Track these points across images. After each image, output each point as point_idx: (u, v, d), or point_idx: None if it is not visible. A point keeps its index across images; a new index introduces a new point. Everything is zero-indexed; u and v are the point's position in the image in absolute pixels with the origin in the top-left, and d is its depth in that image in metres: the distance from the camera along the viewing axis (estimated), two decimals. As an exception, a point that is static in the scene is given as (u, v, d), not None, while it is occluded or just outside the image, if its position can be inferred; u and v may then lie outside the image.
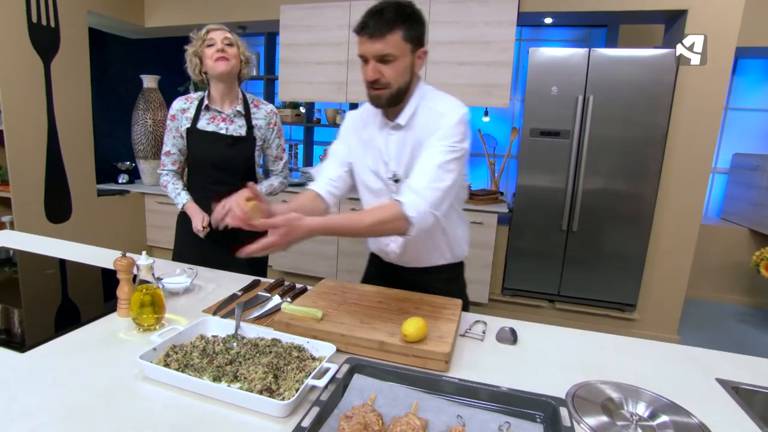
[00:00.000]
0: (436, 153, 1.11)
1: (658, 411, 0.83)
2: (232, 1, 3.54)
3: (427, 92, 1.21)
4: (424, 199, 1.05)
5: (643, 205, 2.77)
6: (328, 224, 1.04)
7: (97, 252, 1.69)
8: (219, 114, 1.66)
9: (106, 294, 1.35)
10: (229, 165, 1.66)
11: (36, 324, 1.16)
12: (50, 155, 3.06)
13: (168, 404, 0.80)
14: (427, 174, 1.08)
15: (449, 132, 1.12)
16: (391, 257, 1.37)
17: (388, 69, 1.10)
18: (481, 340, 1.11)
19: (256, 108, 1.70)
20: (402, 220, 1.04)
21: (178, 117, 1.69)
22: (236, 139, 1.64)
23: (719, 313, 3.53)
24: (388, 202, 1.09)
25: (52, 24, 2.98)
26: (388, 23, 1.06)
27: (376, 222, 1.04)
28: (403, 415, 0.76)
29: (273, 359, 0.88)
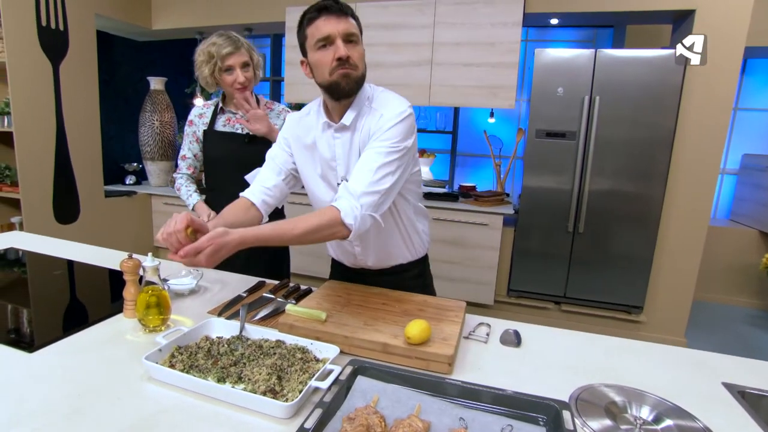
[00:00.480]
0: (374, 154, 1.08)
1: (662, 415, 0.82)
2: (238, 3, 3.56)
3: (372, 92, 1.18)
4: (361, 204, 1.03)
5: (650, 206, 2.74)
6: (259, 235, 0.99)
7: (105, 253, 1.71)
8: (234, 115, 1.68)
9: (113, 295, 1.36)
10: (247, 163, 1.65)
11: (44, 324, 1.18)
12: (59, 157, 3.09)
13: (172, 405, 0.81)
14: (366, 177, 1.05)
15: (389, 133, 1.09)
16: (359, 261, 1.35)
17: (354, 51, 1.08)
18: (485, 342, 1.10)
19: (269, 110, 1.72)
20: (339, 225, 1.02)
21: (196, 122, 1.72)
22: (252, 137, 1.65)
23: (727, 316, 3.49)
24: (324, 208, 1.06)
25: (61, 27, 3.01)
26: (346, 7, 1.08)
27: (311, 229, 1.01)
28: (406, 417, 0.76)
29: (277, 360, 0.88)
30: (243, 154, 1.65)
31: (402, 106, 1.12)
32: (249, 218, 1.21)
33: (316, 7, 1.07)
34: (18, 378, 0.87)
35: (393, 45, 3.04)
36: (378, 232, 1.23)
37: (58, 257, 1.63)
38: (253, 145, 1.66)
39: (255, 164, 1.66)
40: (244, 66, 1.58)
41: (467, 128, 3.95)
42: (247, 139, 1.66)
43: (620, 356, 1.07)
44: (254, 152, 1.64)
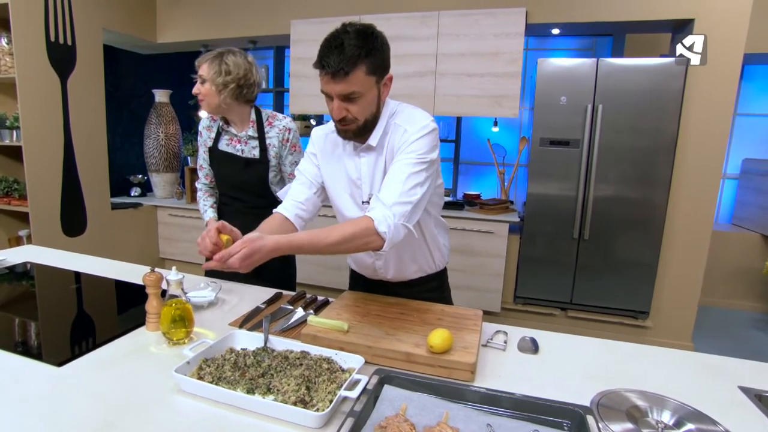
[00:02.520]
0: (403, 166, 1.09)
1: (683, 419, 0.84)
2: (242, 16, 3.61)
3: (395, 109, 1.19)
4: (395, 214, 1.04)
5: (654, 211, 2.77)
6: (293, 241, 1.01)
7: (119, 266, 1.73)
8: (235, 136, 1.70)
9: (128, 307, 1.39)
10: (244, 185, 1.70)
11: (67, 338, 1.19)
12: (66, 170, 3.12)
13: (203, 417, 0.82)
14: (397, 188, 1.07)
15: (414, 145, 1.11)
16: (379, 273, 1.36)
17: (354, 106, 1.08)
18: (503, 350, 1.12)
19: (269, 126, 1.69)
20: (374, 235, 1.02)
21: (204, 134, 1.75)
22: (249, 161, 1.67)
23: (733, 320, 3.51)
24: (358, 218, 1.07)
25: (69, 42, 3.05)
26: (351, 60, 1.01)
27: (346, 238, 1.01)
28: (435, 424, 0.78)
29: (304, 371, 0.90)
30: (240, 178, 1.69)
31: (425, 120, 1.14)
32: (283, 232, 1.21)
33: (319, 58, 1.05)
34: (48, 392, 0.89)
35: (397, 56, 3.06)
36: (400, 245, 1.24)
37: (74, 271, 1.64)
38: (250, 169, 1.68)
39: (251, 187, 1.70)
40: (201, 80, 1.60)
41: (470, 137, 3.99)
42: (244, 163, 1.68)
43: (636, 361, 1.09)
44: (249, 176, 1.69)
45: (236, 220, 1.70)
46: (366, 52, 1.02)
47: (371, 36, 1.05)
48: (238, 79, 1.60)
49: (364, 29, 1.04)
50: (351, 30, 1.03)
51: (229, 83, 1.58)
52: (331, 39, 1.03)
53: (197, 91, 1.61)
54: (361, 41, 1.02)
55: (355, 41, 1.01)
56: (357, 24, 1.06)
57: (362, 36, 1.03)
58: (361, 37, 1.02)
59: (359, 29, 1.04)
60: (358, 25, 1.05)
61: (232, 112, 1.66)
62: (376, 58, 1.05)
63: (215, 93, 1.59)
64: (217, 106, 1.63)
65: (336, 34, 1.04)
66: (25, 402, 0.85)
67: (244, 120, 1.68)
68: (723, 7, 2.60)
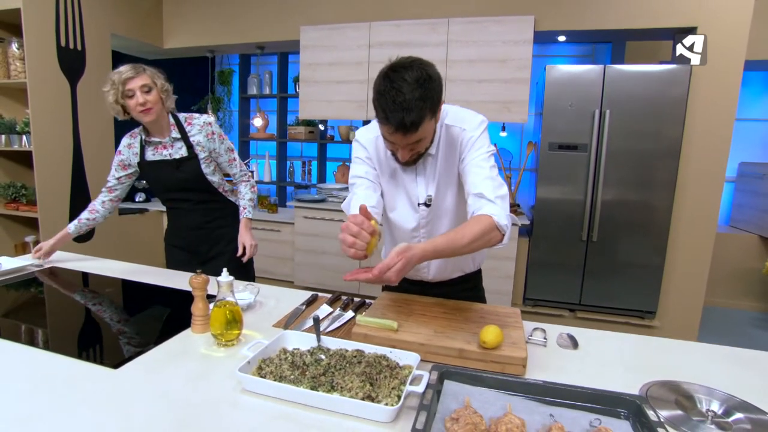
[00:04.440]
0: (482, 162, 1.15)
1: (731, 409, 0.88)
2: (250, 22, 3.63)
3: (445, 113, 1.22)
4: (503, 208, 1.09)
5: (659, 214, 2.85)
6: (436, 247, 1.03)
7: (144, 269, 1.74)
8: (160, 143, 1.72)
9: (169, 310, 1.40)
10: (182, 185, 1.74)
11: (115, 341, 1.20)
12: (75, 175, 3.11)
13: (274, 414, 0.84)
14: (489, 183, 1.12)
15: (479, 141, 1.18)
16: (421, 273, 1.40)
17: (420, 144, 1.13)
18: (544, 345, 1.16)
19: (189, 126, 1.73)
20: (495, 231, 1.06)
21: (124, 152, 1.75)
22: (180, 161, 1.71)
23: (734, 320, 3.59)
24: (475, 216, 1.09)
25: (79, 47, 3.05)
26: (418, 116, 1.02)
27: (476, 237, 1.04)
28: (502, 415, 0.81)
29: (365, 368, 0.93)
30: (176, 179, 1.72)
31: (479, 116, 1.21)
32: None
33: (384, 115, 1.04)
34: (112, 394, 0.90)
35: (406, 62, 3.13)
36: None
37: (105, 275, 1.65)
38: (182, 168, 1.72)
39: (192, 183, 1.74)
40: (145, 89, 1.61)
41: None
42: (175, 165, 1.71)
43: (672, 355, 1.14)
44: (185, 175, 1.72)
45: (187, 219, 1.80)
46: (429, 104, 1.04)
47: (428, 81, 1.03)
48: (168, 88, 1.70)
49: (421, 75, 1.03)
50: (409, 79, 1.01)
51: (169, 90, 1.68)
52: (393, 93, 1.01)
53: (143, 101, 1.59)
54: (423, 92, 1.02)
55: (419, 93, 1.01)
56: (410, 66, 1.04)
57: (422, 85, 1.02)
58: (422, 87, 1.02)
59: (417, 77, 1.02)
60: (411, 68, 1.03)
61: (162, 119, 1.69)
62: (436, 101, 1.07)
63: (160, 100, 1.65)
64: (160, 114, 1.66)
65: (396, 84, 1.01)
66: (89, 403, 0.86)
67: (165, 126, 1.71)
68: (724, 14, 2.69)
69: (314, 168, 4.47)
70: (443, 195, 1.27)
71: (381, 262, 0.99)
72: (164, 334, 1.18)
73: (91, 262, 1.82)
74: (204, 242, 1.84)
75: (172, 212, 1.85)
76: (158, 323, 1.32)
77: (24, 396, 0.88)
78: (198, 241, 1.83)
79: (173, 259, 1.87)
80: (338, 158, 4.53)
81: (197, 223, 1.81)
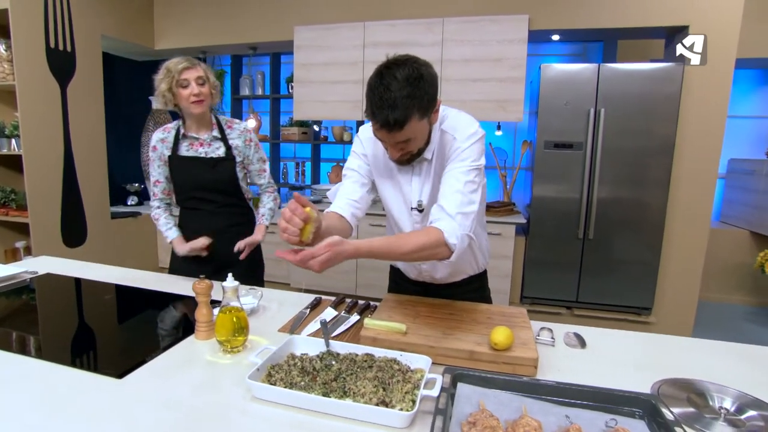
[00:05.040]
0: (459, 175, 1.11)
1: (744, 406, 0.89)
2: (243, 22, 3.60)
3: (442, 114, 1.19)
4: (460, 225, 1.06)
5: (654, 211, 2.87)
6: (372, 248, 1.02)
7: (140, 275, 1.72)
8: (196, 140, 1.71)
9: (169, 316, 1.37)
10: (214, 186, 1.73)
11: (117, 350, 1.18)
12: (66, 179, 3.05)
13: (285, 422, 0.83)
14: (457, 198, 1.09)
15: (465, 153, 1.13)
16: (424, 275, 1.39)
17: (410, 144, 1.10)
18: (552, 345, 1.16)
19: (230, 129, 1.75)
20: (443, 246, 1.05)
21: (159, 147, 1.73)
22: (217, 160, 1.71)
23: (727, 314, 3.64)
24: (427, 227, 1.09)
25: (69, 49, 3.00)
26: (403, 115, 1.00)
27: (418, 248, 1.03)
28: (517, 418, 0.80)
29: (377, 373, 0.91)
30: (209, 179, 1.71)
31: (473, 127, 1.17)
32: (342, 228, 1.21)
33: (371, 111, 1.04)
34: (117, 403, 0.88)
35: (401, 62, 3.12)
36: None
37: (102, 282, 1.62)
38: (217, 168, 1.71)
39: (223, 185, 1.73)
40: (200, 81, 1.62)
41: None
42: (211, 164, 1.70)
43: (680, 352, 1.14)
44: (219, 175, 1.71)
45: (208, 221, 1.75)
46: (417, 103, 1.01)
47: (419, 80, 1.01)
48: (217, 85, 1.72)
49: (412, 73, 1.01)
50: (399, 77, 1.00)
51: (218, 87, 1.69)
52: (381, 89, 1.00)
53: (198, 92, 1.60)
54: (411, 89, 1.00)
55: (406, 92, 0.99)
56: (404, 63, 1.02)
57: (411, 83, 1.00)
58: (411, 86, 1.00)
59: (408, 75, 1.00)
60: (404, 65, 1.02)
61: (206, 115, 1.70)
62: (426, 102, 1.04)
63: (211, 95, 1.66)
64: (208, 109, 1.67)
65: (385, 81, 1.01)
66: (94, 415, 0.84)
67: (207, 123, 1.71)
68: (716, 14, 2.72)
69: (308, 169, 4.45)
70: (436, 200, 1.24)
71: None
72: (167, 341, 1.15)
73: (87, 269, 1.79)
74: (223, 247, 1.76)
75: (192, 213, 1.78)
76: (160, 330, 1.30)
77: (25, 409, 0.85)
78: (216, 247, 1.76)
79: (183, 263, 1.77)
80: (332, 159, 4.51)
81: (219, 226, 1.76)
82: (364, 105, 3.49)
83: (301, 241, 1.00)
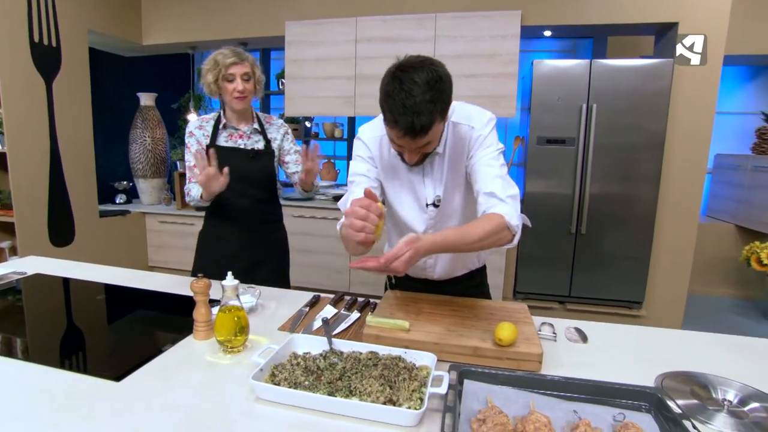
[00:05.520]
0: (491, 160, 1.14)
1: (746, 398, 0.90)
2: (233, 17, 3.54)
3: (451, 110, 1.15)
4: (514, 208, 1.08)
5: (645, 206, 2.91)
6: (445, 240, 1.02)
7: (131, 274, 1.68)
8: (236, 131, 1.71)
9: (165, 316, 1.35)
10: (252, 178, 1.71)
11: (113, 352, 1.15)
12: (53, 177, 2.98)
13: (291, 423, 0.81)
14: (499, 183, 1.11)
15: (488, 140, 1.16)
16: (427, 272, 1.38)
17: (429, 146, 1.10)
18: (554, 340, 1.16)
19: (269, 124, 1.78)
20: (506, 230, 1.05)
21: (196, 133, 1.71)
22: (257, 152, 1.71)
23: (713, 307, 3.71)
24: (487, 215, 1.07)
25: (54, 43, 2.92)
26: (428, 120, 0.98)
27: (486, 235, 1.02)
28: (526, 414, 0.80)
29: (383, 371, 0.91)
30: (248, 170, 1.69)
31: (487, 114, 1.19)
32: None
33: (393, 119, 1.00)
34: (117, 407, 0.85)
35: (395, 58, 3.10)
36: None
37: (93, 281, 1.58)
38: (257, 160, 1.71)
39: (261, 178, 1.72)
40: (246, 77, 1.62)
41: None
42: (251, 155, 1.70)
43: (678, 345, 1.15)
44: (258, 168, 1.71)
45: (243, 216, 1.72)
46: (440, 106, 1.00)
47: (439, 82, 0.99)
48: (262, 80, 1.71)
49: (432, 76, 0.99)
50: (420, 81, 0.97)
51: (263, 81, 1.70)
52: (403, 95, 0.97)
53: (242, 89, 1.60)
54: (433, 94, 0.98)
55: (429, 96, 0.97)
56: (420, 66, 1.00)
57: (432, 87, 0.98)
58: (432, 90, 0.98)
59: (428, 79, 0.98)
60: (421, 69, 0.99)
61: (249, 108, 1.72)
62: (446, 104, 1.03)
63: (254, 90, 1.67)
64: (250, 104, 1.69)
65: (405, 86, 0.97)
66: (93, 420, 0.81)
67: (249, 116, 1.73)
68: (704, 11, 2.76)
69: (299, 166, 4.40)
70: (451, 195, 1.24)
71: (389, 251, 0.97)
72: (164, 342, 1.13)
73: (78, 269, 1.74)
74: (253, 245, 1.74)
75: (228, 207, 1.70)
76: (156, 331, 1.28)
77: (20, 415, 0.82)
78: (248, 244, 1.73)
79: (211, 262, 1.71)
80: (323, 155, 4.48)
81: (253, 223, 1.74)
82: (357, 101, 3.47)
83: (374, 240, 0.97)
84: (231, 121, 1.71)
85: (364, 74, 3.22)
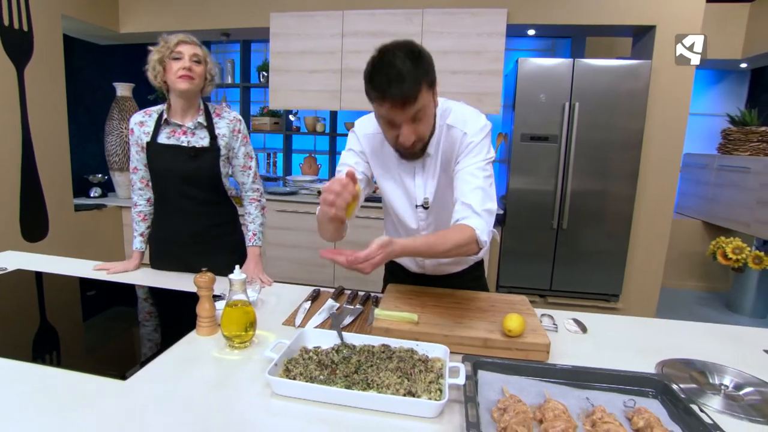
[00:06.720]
0: (476, 171, 1.12)
1: (742, 383, 0.95)
2: (216, 6, 3.45)
3: (444, 107, 1.19)
4: (487, 222, 1.09)
5: (623, 202, 3.02)
6: (416, 247, 1.05)
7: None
8: (179, 127, 1.57)
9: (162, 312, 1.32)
10: (194, 177, 1.58)
11: (116, 350, 1.12)
12: (25, 169, 2.84)
13: (310, 418, 0.81)
14: (479, 194, 1.10)
15: (478, 148, 1.14)
16: (426, 267, 1.40)
17: (421, 125, 1.08)
18: (555, 331, 1.20)
19: (218, 117, 1.61)
20: (474, 243, 1.06)
21: (136, 131, 1.60)
22: (198, 150, 1.56)
23: (682, 299, 3.89)
24: (459, 225, 1.09)
25: (25, 28, 2.78)
26: (415, 85, 1.00)
27: (455, 246, 1.04)
28: (543, 402, 0.83)
29: (398, 364, 0.91)
30: (187, 168, 1.56)
31: (482, 121, 1.16)
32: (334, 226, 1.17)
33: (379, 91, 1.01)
34: (126, 406, 0.83)
35: (381, 53, 3.10)
36: None
37: (79, 277, 1.52)
38: (198, 159, 1.57)
39: (204, 177, 1.59)
40: (195, 59, 1.50)
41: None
42: (192, 153, 1.56)
43: (673, 335, 1.21)
44: (198, 166, 1.57)
45: (188, 221, 1.61)
46: (423, 73, 1.02)
47: (419, 54, 1.03)
48: (214, 75, 1.60)
49: (411, 50, 1.02)
50: (399, 53, 1.00)
51: (214, 76, 1.59)
52: (386, 68, 1.00)
53: (188, 66, 1.47)
54: (415, 63, 1.00)
55: (411, 65, 1.00)
56: (400, 44, 1.03)
57: (414, 58, 1.01)
58: (415, 60, 1.01)
59: (408, 52, 1.01)
60: (401, 46, 1.03)
61: (194, 99, 1.57)
62: (430, 74, 1.05)
63: (203, 80, 1.54)
64: (195, 93, 1.54)
65: (386, 59, 1.01)
66: (100, 420, 0.79)
67: (193, 110, 1.58)
68: (680, 16, 2.87)
69: (279, 160, 4.35)
70: (442, 195, 1.23)
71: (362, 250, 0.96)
72: (167, 338, 1.10)
73: (59, 263, 1.68)
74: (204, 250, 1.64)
75: (171, 209, 1.63)
76: (156, 327, 1.24)
77: (24, 417, 0.79)
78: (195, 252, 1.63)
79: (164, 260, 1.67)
80: (304, 150, 4.44)
81: (200, 227, 1.63)
82: (343, 95, 3.44)
83: (344, 219, 0.97)
84: (174, 116, 1.57)
85: (351, 68, 3.20)
